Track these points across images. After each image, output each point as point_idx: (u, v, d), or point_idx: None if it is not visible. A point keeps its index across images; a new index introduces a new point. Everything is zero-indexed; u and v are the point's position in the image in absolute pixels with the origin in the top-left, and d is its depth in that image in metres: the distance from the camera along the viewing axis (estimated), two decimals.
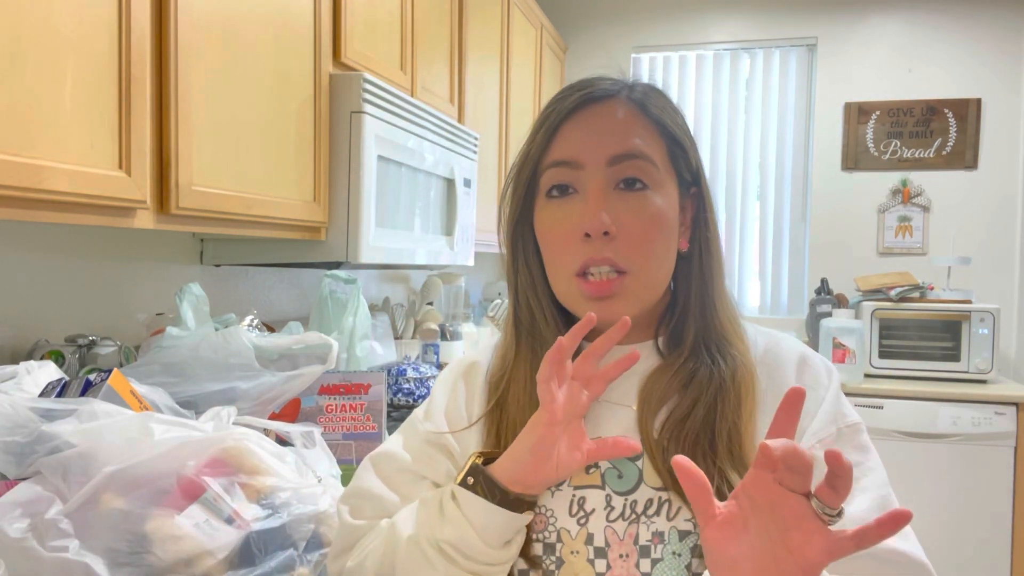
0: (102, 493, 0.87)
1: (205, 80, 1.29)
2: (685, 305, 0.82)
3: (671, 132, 0.81)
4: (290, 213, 1.55)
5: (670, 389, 0.78)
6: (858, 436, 0.78)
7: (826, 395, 0.79)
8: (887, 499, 0.75)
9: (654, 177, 0.78)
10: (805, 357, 0.82)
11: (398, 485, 0.83)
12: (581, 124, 0.79)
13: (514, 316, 0.85)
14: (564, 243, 0.78)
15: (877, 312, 3.25)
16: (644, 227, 0.77)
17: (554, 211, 0.79)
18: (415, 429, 0.87)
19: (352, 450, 1.49)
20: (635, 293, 0.78)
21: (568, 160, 0.78)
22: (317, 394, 1.49)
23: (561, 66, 3.94)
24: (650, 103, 0.81)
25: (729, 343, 0.80)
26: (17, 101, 0.95)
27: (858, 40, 3.69)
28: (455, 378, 0.89)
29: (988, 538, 2.93)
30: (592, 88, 0.81)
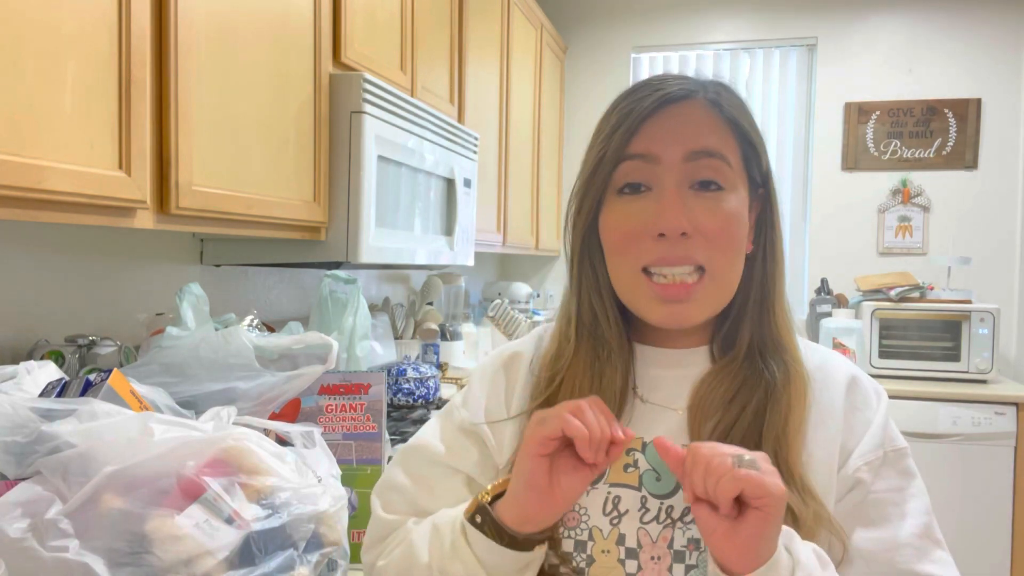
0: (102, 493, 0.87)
1: (205, 80, 1.29)
2: (742, 308, 0.81)
3: (744, 132, 0.81)
4: (290, 213, 1.55)
5: (723, 396, 0.77)
6: (903, 461, 0.78)
7: (874, 418, 0.79)
8: (929, 527, 0.76)
9: (728, 177, 0.77)
10: (856, 378, 0.82)
11: (428, 479, 0.83)
12: (658, 123, 0.77)
13: (577, 316, 0.83)
14: (633, 240, 0.77)
15: (877, 312, 3.25)
16: (721, 227, 0.76)
17: (625, 208, 0.78)
18: (451, 416, 0.87)
19: (352, 450, 1.49)
20: (710, 296, 0.77)
21: (645, 153, 0.77)
22: (317, 394, 1.49)
23: (561, 66, 3.94)
24: (724, 102, 0.81)
25: (784, 349, 0.79)
26: (17, 101, 0.95)
27: (858, 40, 3.69)
28: (495, 368, 0.88)
29: (988, 538, 2.93)
30: (668, 89, 0.79)
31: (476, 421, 0.83)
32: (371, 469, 1.34)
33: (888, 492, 0.76)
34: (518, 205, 3.22)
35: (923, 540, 0.74)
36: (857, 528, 0.74)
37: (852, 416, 0.78)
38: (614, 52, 3.95)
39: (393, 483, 0.85)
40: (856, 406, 0.79)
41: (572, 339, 0.83)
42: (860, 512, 0.75)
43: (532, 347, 0.88)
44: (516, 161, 3.17)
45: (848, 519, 0.74)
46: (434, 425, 0.88)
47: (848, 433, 0.77)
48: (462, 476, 0.82)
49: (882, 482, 0.76)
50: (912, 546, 0.74)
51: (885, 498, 0.75)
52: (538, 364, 0.85)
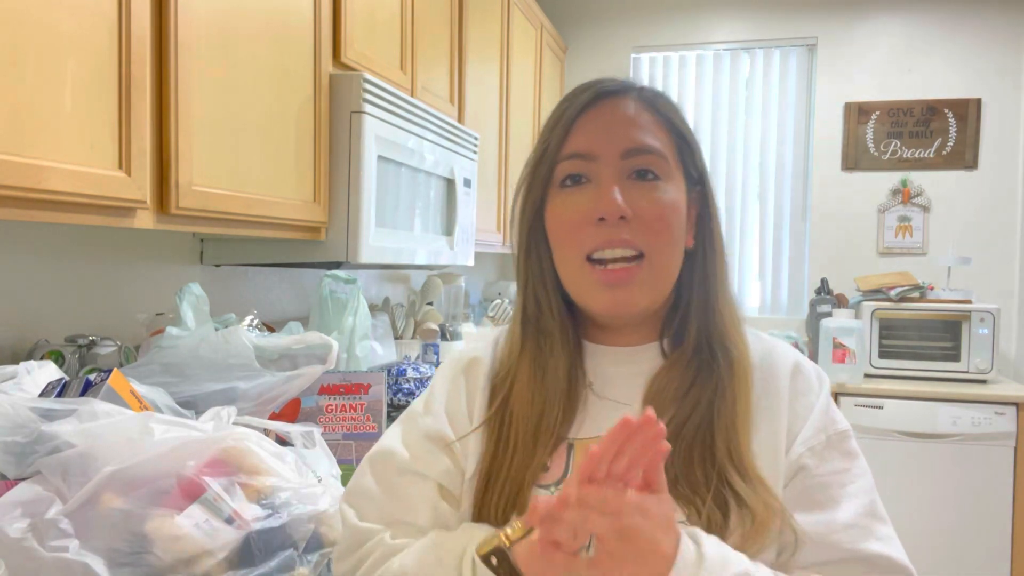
0: (102, 493, 0.87)
1: (205, 80, 1.29)
2: (688, 304, 0.83)
3: (679, 129, 0.83)
4: (290, 213, 1.55)
5: (677, 390, 0.79)
6: (846, 443, 0.80)
7: (816, 402, 0.81)
8: (873, 505, 0.78)
9: (665, 170, 0.80)
10: (799, 364, 0.84)
11: (398, 487, 0.82)
12: (595, 118, 0.81)
13: (522, 310, 0.86)
14: (577, 227, 0.79)
15: (877, 312, 3.25)
16: (658, 212, 0.78)
17: (567, 198, 0.81)
18: (414, 423, 0.86)
19: (352, 450, 1.49)
20: (648, 282, 0.79)
21: (583, 152, 0.80)
22: (317, 394, 1.49)
23: (561, 66, 3.94)
24: (659, 102, 0.84)
25: (730, 340, 0.81)
26: (17, 101, 0.95)
27: (858, 40, 3.69)
28: (456, 373, 0.88)
29: (988, 538, 2.93)
30: (605, 84, 0.83)
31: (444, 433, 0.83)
32: None
33: (832, 475, 0.77)
34: None
35: (867, 519, 0.76)
36: (803, 512, 0.76)
37: (796, 402, 0.81)
38: (614, 52, 3.95)
39: (365, 491, 0.84)
40: (800, 391, 0.81)
41: (519, 336, 0.84)
42: (806, 496, 0.76)
43: (490, 351, 0.88)
44: (516, 161, 3.17)
45: (794, 503, 0.76)
46: (396, 430, 0.87)
47: (793, 418, 0.80)
48: (432, 483, 0.82)
49: (826, 465, 0.78)
50: (858, 526, 0.75)
51: (829, 480, 0.77)
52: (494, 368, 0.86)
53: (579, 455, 0.79)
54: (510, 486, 0.77)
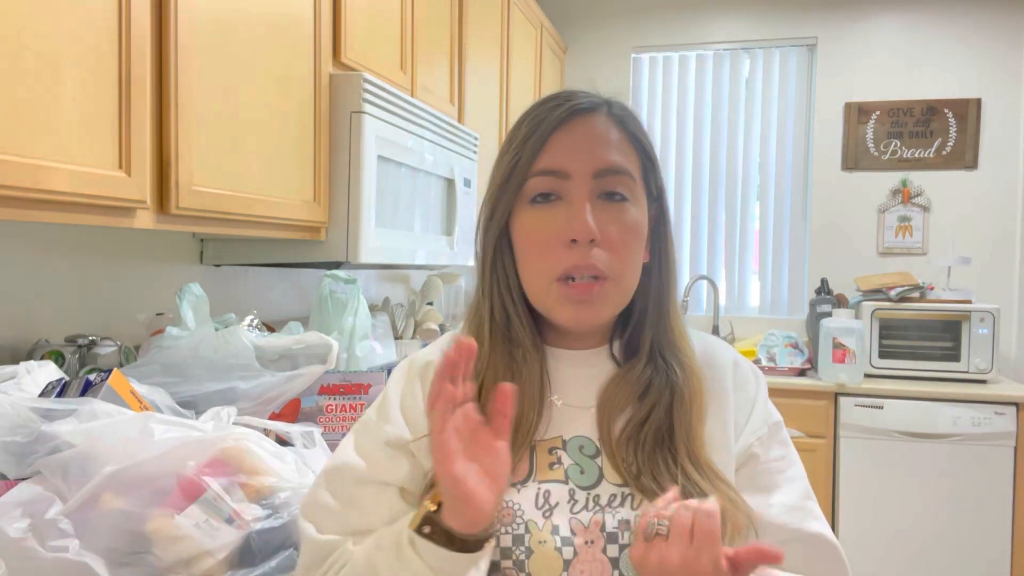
0: (102, 493, 0.87)
1: (205, 80, 1.29)
2: (642, 314, 0.87)
3: (645, 147, 0.86)
4: (290, 213, 1.55)
5: (629, 396, 0.84)
6: (781, 432, 0.88)
7: (757, 395, 0.88)
8: (807, 488, 0.85)
9: (632, 190, 0.83)
10: (736, 361, 0.90)
11: (357, 499, 0.82)
12: (569, 136, 0.82)
13: (489, 318, 0.86)
14: (547, 247, 0.81)
15: (877, 312, 3.25)
16: (624, 236, 0.82)
17: (537, 216, 0.82)
18: (369, 431, 0.87)
19: None
20: (612, 298, 0.83)
21: (557, 170, 0.82)
22: (317, 394, 1.49)
23: (561, 66, 3.94)
24: (628, 119, 0.86)
25: (680, 350, 0.86)
26: (17, 101, 0.95)
27: (858, 40, 3.69)
28: (410, 377, 0.89)
29: (988, 538, 2.93)
30: (578, 100, 0.84)
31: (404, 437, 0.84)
32: None
33: (775, 461, 0.84)
34: None
35: (806, 500, 0.83)
36: (751, 495, 0.81)
37: (737, 395, 0.87)
38: (614, 52, 3.95)
39: (323, 506, 0.83)
40: (740, 386, 0.88)
41: (486, 341, 0.85)
42: (753, 481, 0.83)
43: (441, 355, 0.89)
44: None
45: (743, 489, 0.81)
46: (348, 443, 0.87)
47: (737, 411, 0.86)
48: (393, 489, 0.82)
49: (770, 452, 0.85)
50: (799, 508, 0.82)
51: (773, 467, 0.84)
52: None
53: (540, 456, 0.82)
54: None
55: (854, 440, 3.06)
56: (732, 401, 0.86)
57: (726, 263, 3.88)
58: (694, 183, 3.88)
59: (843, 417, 3.07)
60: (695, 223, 3.88)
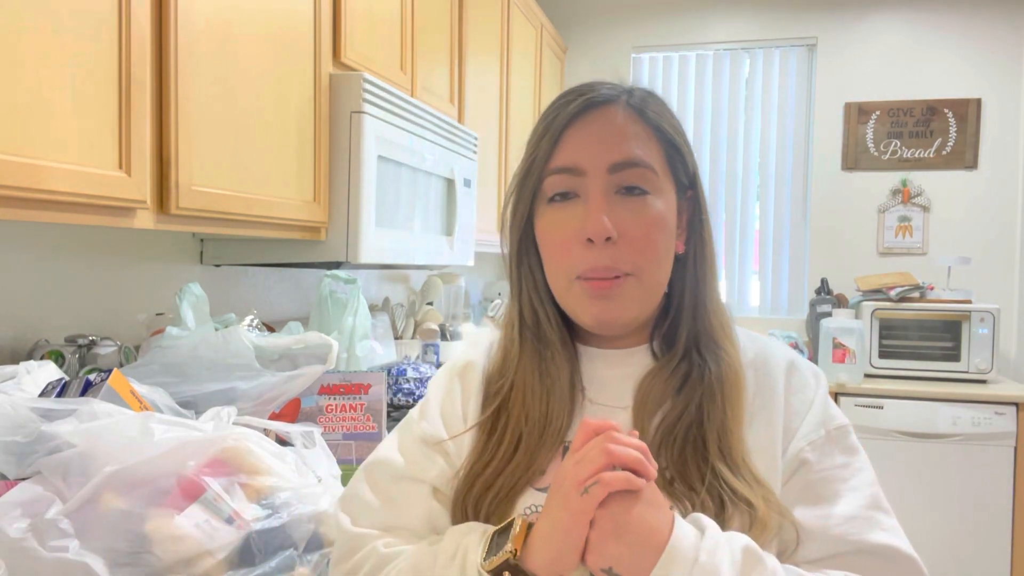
0: (102, 493, 0.87)
1: (205, 80, 1.29)
2: (679, 307, 0.84)
3: (669, 137, 0.82)
4: (290, 213, 1.55)
5: (665, 392, 0.80)
6: (846, 438, 0.81)
7: (814, 398, 0.82)
8: (876, 498, 0.78)
9: (653, 183, 0.80)
10: (793, 362, 0.85)
11: (393, 495, 0.83)
12: (582, 130, 0.80)
13: (519, 318, 0.86)
14: (566, 247, 0.80)
15: (877, 312, 3.25)
16: (645, 230, 0.78)
17: (556, 215, 0.81)
18: (410, 429, 0.87)
19: (352, 450, 1.49)
20: (635, 296, 0.80)
21: (570, 167, 0.79)
22: (317, 394, 1.49)
23: (561, 66, 3.94)
24: (648, 109, 0.82)
25: (718, 345, 0.82)
26: (17, 101, 0.95)
27: (858, 40, 3.69)
28: (451, 378, 0.89)
29: (988, 538, 2.93)
30: (593, 93, 0.81)
31: (439, 435, 0.84)
32: None
33: (834, 469, 0.78)
34: None
35: (871, 511, 0.76)
36: (805, 506, 0.76)
37: (792, 398, 0.81)
38: (614, 52, 3.95)
39: (359, 499, 0.84)
40: (795, 389, 0.82)
41: (516, 342, 0.85)
42: (808, 491, 0.77)
43: (484, 356, 0.89)
44: (516, 161, 3.16)
45: (796, 499, 0.76)
46: (393, 438, 0.88)
47: (790, 415, 0.80)
48: (427, 487, 0.82)
49: (827, 460, 0.78)
50: (860, 517, 0.75)
51: (831, 475, 0.78)
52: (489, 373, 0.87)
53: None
54: (503, 487, 0.77)
55: None
56: (783, 404, 0.81)
57: (726, 263, 3.88)
58: None
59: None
60: None
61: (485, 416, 0.83)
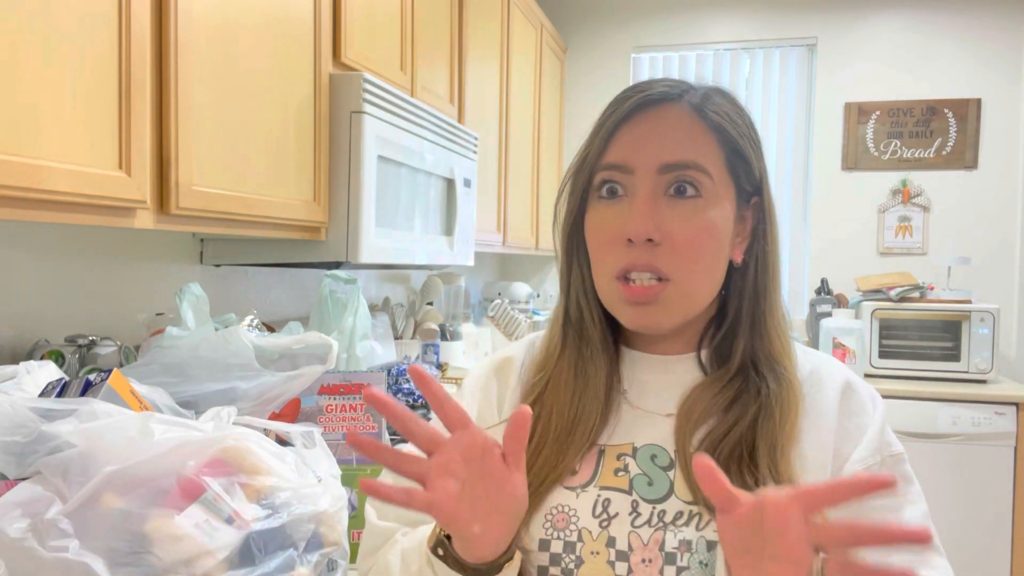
0: (102, 493, 0.87)
1: (205, 80, 1.29)
2: (735, 320, 0.81)
3: (732, 140, 0.79)
4: (290, 213, 1.55)
5: (713, 407, 0.77)
6: (900, 466, 0.78)
7: (871, 423, 0.78)
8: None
9: (707, 187, 0.76)
10: (851, 383, 0.81)
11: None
12: (635, 128, 0.78)
13: (564, 313, 0.85)
14: (608, 245, 0.78)
15: (877, 312, 3.25)
16: (691, 236, 0.76)
17: (602, 212, 0.79)
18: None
19: (352, 450, 1.49)
20: (675, 302, 0.77)
21: (619, 164, 0.77)
22: (317, 394, 1.49)
23: (561, 66, 3.94)
24: (710, 108, 0.79)
25: (778, 362, 0.79)
26: (17, 101, 0.95)
27: (858, 40, 3.69)
28: (488, 375, 0.89)
29: (988, 538, 2.93)
30: (650, 91, 0.79)
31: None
32: (371, 469, 1.33)
33: (886, 498, 0.75)
34: (518, 205, 3.22)
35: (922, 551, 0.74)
36: None
37: (847, 421, 0.78)
38: (614, 52, 3.95)
39: None
40: (851, 411, 0.79)
41: (558, 338, 0.84)
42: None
43: (524, 352, 0.89)
44: (516, 161, 3.17)
45: None
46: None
47: (843, 439, 0.77)
48: None
49: None
50: (909, 551, 0.73)
51: (883, 504, 0.74)
52: (528, 369, 0.86)
53: (608, 461, 0.78)
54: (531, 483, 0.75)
55: None
56: (836, 425, 0.77)
57: None
58: None
59: None
60: None
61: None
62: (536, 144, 3.48)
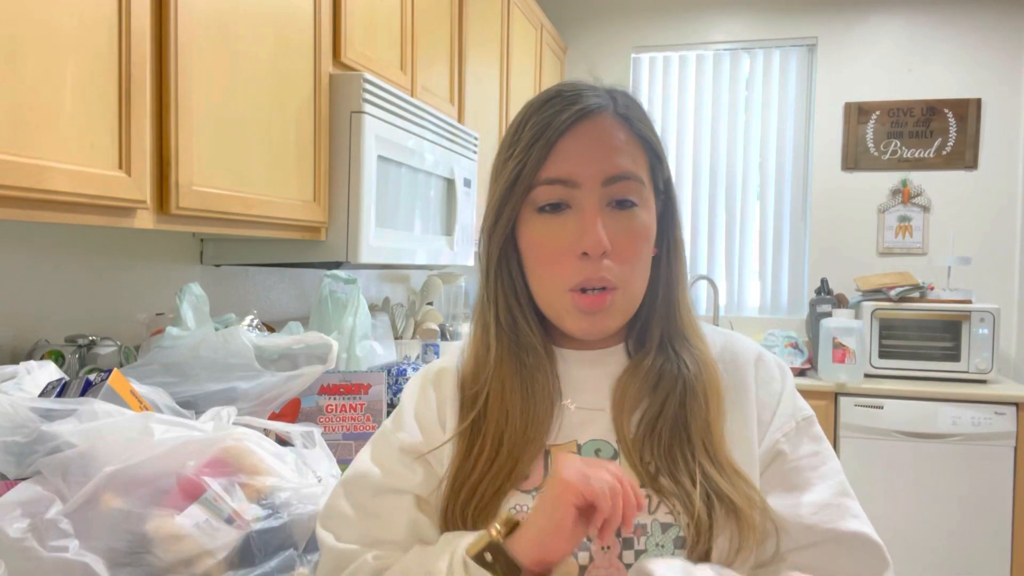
0: (102, 493, 0.87)
1: (205, 80, 1.29)
2: (651, 306, 0.85)
3: (652, 145, 0.84)
4: (290, 213, 1.55)
5: (642, 389, 0.81)
6: (813, 427, 0.83)
7: (783, 391, 0.84)
8: (843, 484, 0.80)
9: (641, 194, 0.81)
10: (760, 355, 0.87)
11: (374, 508, 0.82)
12: (576, 142, 0.79)
13: (495, 321, 0.85)
14: (558, 259, 0.79)
15: (877, 312, 3.25)
16: (633, 244, 0.80)
17: (547, 225, 0.80)
18: (386, 440, 0.86)
19: (352, 450, 1.49)
20: (621, 308, 0.81)
21: (564, 179, 0.79)
22: (317, 394, 1.49)
23: (561, 66, 3.94)
24: (633, 116, 0.83)
25: (690, 342, 0.84)
26: (17, 101, 0.95)
27: (858, 40, 3.69)
28: (423, 385, 0.88)
29: (988, 538, 2.93)
30: (584, 103, 0.80)
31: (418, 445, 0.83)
32: None
33: (805, 458, 0.80)
34: None
35: (841, 498, 0.78)
36: (779, 495, 0.78)
37: (761, 391, 0.83)
38: (614, 52, 3.95)
39: (341, 515, 0.83)
40: (764, 380, 0.84)
41: (493, 347, 0.84)
42: (782, 480, 0.79)
43: (456, 362, 0.89)
44: None
45: (770, 488, 0.78)
46: (367, 452, 0.87)
47: (761, 408, 0.82)
48: (410, 496, 0.82)
49: (799, 449, 0.81)
50: (832, 505, 0.77)
51: (803, 464, 0.80)
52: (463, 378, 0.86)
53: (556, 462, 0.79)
54: (486, 492, 0.77)
55: (854, 440, 3.06)
56: (754, 397, 0.83)
57: (726, 263, 3.88)
58: (694, 183, 3.88)
59: (843, 417, 3.07)
60: (695, 223, 3.88)
61: (464, 426, 0.82)
62: None
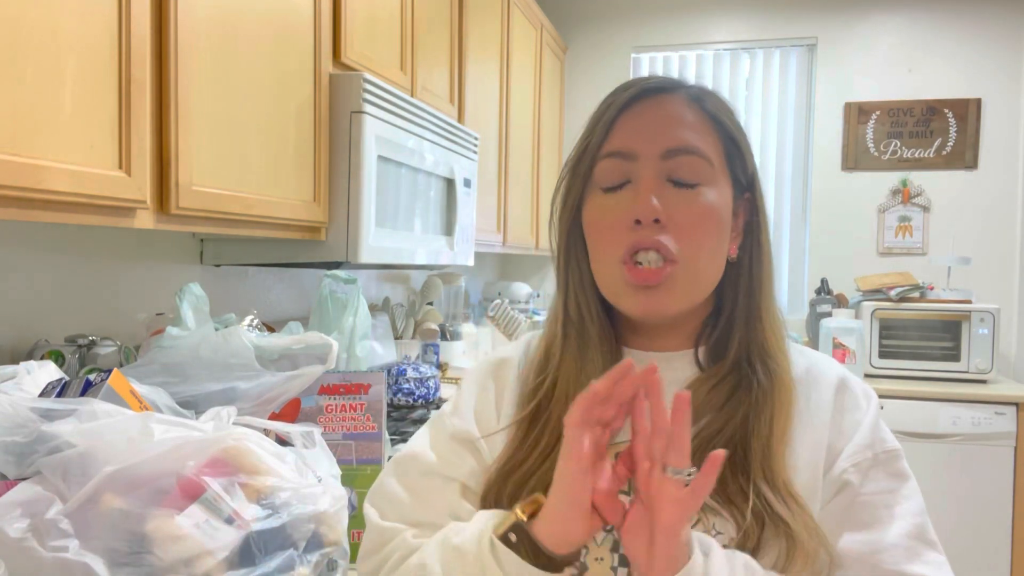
0: (102, 493, 0.87)
1: (205, 80, 1.29)
2: (731, 316, 0.81)
3: (728, 130, 0.81)
4: (290, 213, 1.55)
5: (707, 404, 0.77)
6: (895, 463, 0.77)
7: (864, 419, 0.78)
8: (922, 528, 0.75)
9: (708, 174, 0.77)
10: (845, 380, 0.81)
11: (423, 491, 0.82)
12: (636, 116, 0.78)
13: (563, 311, 0.83)
14: (612, 230, 0.77)
15: (877, 312, 3.25)
16: (696, 218, 0.76)
17: (604, 201, 0.79)
18: (442, 424, 0.86)
19: (352, 450, 1.49)
20: (681, 286, 0.77)
21: (622, 151, 0.77)
22: (317, 394, 1.49)
23: (561, 66, 3.94)
24: (707, 100, 0.80)
25: (771, 357, 0.79)
26: (17, 101, 0.95)
27: (858, 40, 3.69)
28: (485, 375, 0.88)
29: (988, 538, 2.93)
30: (648, 82, 0.80)
31: (470, 432, 0.83)
32: (371, 469, 1.34)
33: (878, 494, 0.74)
34: (518, 205, 3.23)
35: (914, 541, 0.73)
36: (845, 531, 0.73)
37: (840, 418, 0.78)
38: (614, 52, 3.95)
39: (388, 493, 0.84)
40: (845, 408, 0.79)
41: (559, 337, 0.83)
42: (849, 515, 0.74)
43: (520, 353, 0.88)
44: (516, 161, 3.17)
45: (836, 522, 0.74)
46: (425, 434, 0.87)
47: (836, 435, 0.77)
48: (457, 484, 0.81)
49: (872, 484, 0.75)
50: (901, 547, 0.72)
51: (875, 500, 0.74)
52: (526, 370, 0.85)
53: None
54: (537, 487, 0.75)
55: None
56: (831, 423, 0.77)
57: None
58: None
59: None
60: None
61: (524, 414, 0.81)
62: (536, 144, 3.48)
